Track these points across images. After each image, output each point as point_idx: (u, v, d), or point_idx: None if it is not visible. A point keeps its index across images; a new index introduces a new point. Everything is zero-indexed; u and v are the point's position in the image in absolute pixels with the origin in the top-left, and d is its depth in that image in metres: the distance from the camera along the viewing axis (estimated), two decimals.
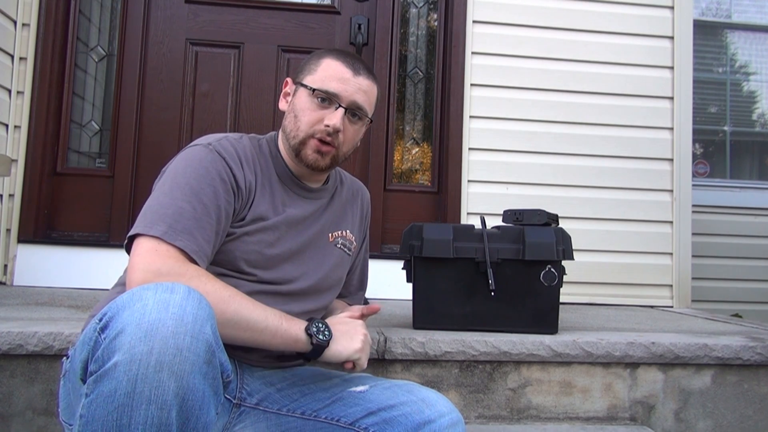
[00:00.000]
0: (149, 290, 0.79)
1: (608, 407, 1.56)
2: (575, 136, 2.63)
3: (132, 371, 0.72)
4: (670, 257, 2.65)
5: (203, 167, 1.08)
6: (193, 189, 1.05)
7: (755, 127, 3.85)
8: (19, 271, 2.35)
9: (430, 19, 2.76)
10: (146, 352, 0.73)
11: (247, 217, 1.13)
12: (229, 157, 1.11)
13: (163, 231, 0.99)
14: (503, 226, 1.68)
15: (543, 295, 1.61)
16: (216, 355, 0.79)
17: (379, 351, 1.47)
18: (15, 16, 2.38)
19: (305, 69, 1.21)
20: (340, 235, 1.30)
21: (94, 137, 2.57)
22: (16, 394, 1.34)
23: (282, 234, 1.17)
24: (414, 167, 2.74)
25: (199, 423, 0.76)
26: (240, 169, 1.12)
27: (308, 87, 1.17)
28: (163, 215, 1.01)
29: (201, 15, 2.59)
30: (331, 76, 1.17)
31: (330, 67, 1.18)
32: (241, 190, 1.12)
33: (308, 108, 1.17)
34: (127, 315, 0.76)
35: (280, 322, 1.01)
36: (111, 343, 0.75)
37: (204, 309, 0.80)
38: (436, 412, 1.02)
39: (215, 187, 1.07)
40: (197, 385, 0.76)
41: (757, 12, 3.80)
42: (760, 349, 1.60)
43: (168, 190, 1.05)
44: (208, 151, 1.10)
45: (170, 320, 0.75)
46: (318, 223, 1.25)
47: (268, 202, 1.17)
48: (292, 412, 1.08)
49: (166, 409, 0.73)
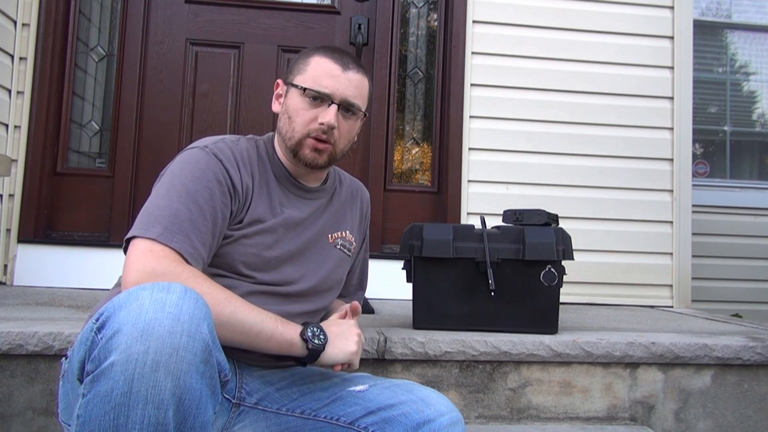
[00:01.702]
0: (146, 290, 0.79)
1: (608, 407, 1.56)
2: (575, 136, 2.63)
3: (128, 371, 0.72)
4: (670, 257, 2.65)
5: (199, 169, 1.08)
6: (188, 191, 1.05)
7: (755, 127, 3.85)
8: (19, 271, 2.36)
9: (430, 19, 2.76)
10: (143, 351, 0.73)
11: (245, 219, 1.13)
12: (226, 160, 1.11)
13: (158, 233, 0.99)
14: (503, 226, 1.68)
15: (543, 295, 1.61)
16: (213, 354, 0.79)
17: (379, 351, 1.47)
18: (15, 16, 2.38)
19: (295, 69, 1.21)
20: (339, 236, 1.29)
21: (94, 137, 2.57)
22: (16, 394, 1.34)
23: (280, 236, 1.17)
24: (414, 167, 2.74)
25: (197, 422, 0.76)
26: (237, 171, 1.12)
27: (299, 87, 1.17)
28: (159, 217, 1.01)
29: (201, 15, 2.59)
30: (321, 74, 1.17)
31: (319, 65, 1.17)
32: (237, 192, 1.12)
33: (301, 108, 1.17)
34: (124, 315, 0.76)
35: (275, 326, 1.01)
36: (107, 343, 0.75)
37: (200, 308, 0.80)
38: (435, 411, 1.02)
39: (211, 189, 1.07)
40: (194, 385, 0.75)
41: (757, 12, 3.80)
42: (760, 349, 1.60)
43: (164, 192, 1.05)
44: (205, 154, 1.10)
45: (167, 319, 0.75)
46: (317, 224, 1.25)
47: (266, 204, 1.16)
48: (291, 411, 1.08)
49: (163, 409, 0.73)
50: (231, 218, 1.11)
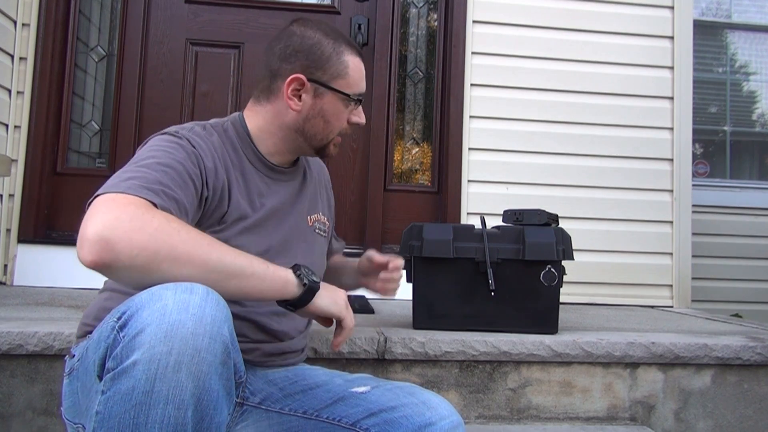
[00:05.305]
0: (168, 290, 0.79)
1: (608, 407, 1.56)
2: (575, 136, 2.63)
3: (151, 370, 0.72)
4: (670, 257, 2.65)
5: (171, 148, 1.01)
6: (159, 162, 0.97)
7: (755, 127, 3.85)
8: (19, 271, 2.35)
9: (430, 19, 2.76)
10: (166, 352, 0.73)
11: (228, 218, 1.08)
12: (198, 146, 1.05)
13: (123, 188, 0.88)
14: (503, 226, 1.68)
15: (543, 295, 1.61)
16: (231, 356, 0.80)
17: (379, 351, 1.47)
18: (15, 16, 2.38)
19: (325, 67, 1.14)
20: (316, 218, 1.27)
21: (94, 137, 2.57)
22: (16, 394, 1.34)
23: (266, 228, 1.14)
24: (414, 167, 2.74)
25: (213, 423, 0.77)
26: (211, 161, 1.06)
27: (343, 92, 1.15)
28: (122, 179, 0.91)
29: (201, 15, 2.59)
30: (359, 78, 1.17)
31: (357, 67, 1.17)
32: (210, 178, 1.05)
33: (341, 112, 1.17)
34: (147, 314, 0.76)
35: (266, 266, 0.95)
36: (130, 342, 0.75)
37: (222, 310, 0.80)
38: (436, 414, 1.02)
39: (183, 164, 0.99)
40: (213, 386, 0.76)
41: (757, 12, 3.80)
42: (760, 349, 1.60)
43: (126, 167, 0.96)
44: (176, 138, 1.04)
45: (190, 321, 0.75)
46: (296, 208, 1.22)
47: (245, 197, 1.12)
48: (293, 411, 1.08)
49: (183, 409, 0.73)
50: (210, 213, 1.06)
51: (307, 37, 1.15)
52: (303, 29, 1.16)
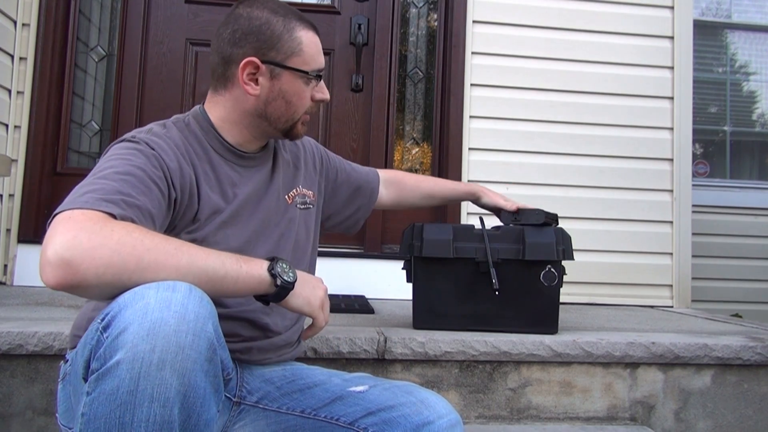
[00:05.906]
0: (151, 289, 0.78)
1: (608, 407, 1.56)
2: (575, 136, 2.63)
3: (135, 369, 0.72)
4: (670, 257, 2.65)
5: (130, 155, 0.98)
6: (117, 171, 0.93)
7: (755, 127, 3.85)
8: (19, 271, 2.35)
9: (430, 19, 2.76)
10: (149, 350, 0.73)
11: (200, 216, 1.06)
12: (159, 148, 1.02)
13: (81, 203, 0.85)
14: (503, 226, 1.68)
15: (543, 295, 1.61)
16: (217, 352, 0.79)
17: (379, 351, 1.47)
18: (15, 16, 2.38)
19: (278, 46, 1.10)
20: (297, 192, 1.25)
21: (94, 137, 2.57)
22: (16, 394, 1.34)
23: (242, 217, 1.12)
24: (414, 167, 2.74)
25: (201, 420, 0.77)
26: (174, 161, 1.03)
27: (300, 70, 1.12)
28: (79, 194, 0.88)
29: (201, 15, 2.59)
30: (315, 52, 1.13)
31: (311, 42, 1.13)
32: (175, 180, 1.02)
33: (302, 91, 1.14)
34: (129, 313, 0.76)
35: (239, 266, 0.92)
36: (113, 342, 0.74)
37: (205, 307, 0.80)
38: (435, 413, 1.02)
39: (145, 169, 0.96)
40: (199, 383, 0.76)
41: (757, 12, 3.80)
42: (760, 349, 1.60)
43: (85, 181, 0.93)
44: (133, 144, 1.01)
45: (172, 319, 0.75)
46: (271, 189, 1.19)
47: (217, 190, 1.10)
48: (291, 410, 1.08)
49: (168, 407, 0.73)
50: (182, 214, 1.04)
51: (254, 17, 1.11)
52: (249, 10, 1.12)
